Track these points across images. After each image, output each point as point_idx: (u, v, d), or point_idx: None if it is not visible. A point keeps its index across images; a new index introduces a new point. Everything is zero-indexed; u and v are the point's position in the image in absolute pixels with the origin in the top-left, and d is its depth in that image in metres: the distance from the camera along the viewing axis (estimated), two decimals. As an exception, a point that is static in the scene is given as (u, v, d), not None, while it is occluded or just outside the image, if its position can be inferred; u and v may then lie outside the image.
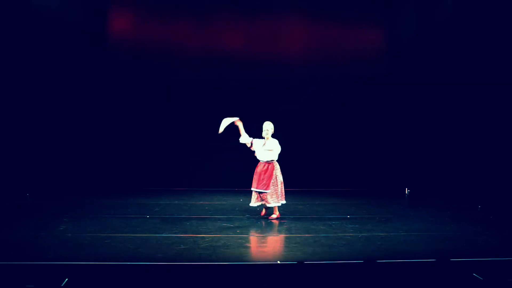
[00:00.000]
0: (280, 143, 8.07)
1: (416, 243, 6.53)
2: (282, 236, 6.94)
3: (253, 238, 7.00)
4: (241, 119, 8.08)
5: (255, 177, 7.97)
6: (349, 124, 11.94)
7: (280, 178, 8.01)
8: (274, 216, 8.07)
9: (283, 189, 8.06)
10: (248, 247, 6.50)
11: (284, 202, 8.09)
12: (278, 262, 5.53)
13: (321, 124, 11.88)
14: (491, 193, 9.57)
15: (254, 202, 8.02)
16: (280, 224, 7.72)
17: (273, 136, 8.05)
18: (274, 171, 7.91)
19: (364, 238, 6.77)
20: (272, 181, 7.89)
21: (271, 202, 7.92)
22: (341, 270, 5.33)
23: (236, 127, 8.04)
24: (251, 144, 8.00)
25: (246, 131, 8.08)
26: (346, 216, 8.38)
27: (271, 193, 7.89)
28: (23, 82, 10.32)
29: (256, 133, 8.11)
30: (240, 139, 8.05)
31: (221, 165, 11.41)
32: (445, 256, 5.70)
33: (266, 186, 7.88)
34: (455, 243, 6.60)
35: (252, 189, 8.01)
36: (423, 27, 11.43)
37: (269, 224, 7.75)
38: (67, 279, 4.79)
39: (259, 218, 8.10)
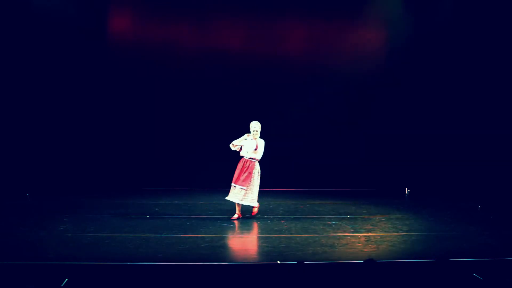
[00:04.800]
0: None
1: (416, 243, 6.53)
2: (282, 236, 6.94)
3: (253, 238, 7.00)
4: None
5: (236, 172, 7.98)
6: (349, 124, 11.93)
7: (258, 179, 7.97)
8: (255, 209, 8.09)
9: (257, 191, 8.01)
10: (248, 247, 6.50)
11: (257, 205, 8.04)
12: (278, 262, 5.53)
13: (321, 124, 11.87)
14: (491, 193, 9.57)
15: (230, 196, 7.98)
16: (280, 224, 7.72)
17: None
18: (254, 170, 7.92)
19: (364, 238, 6.77)
20: (250, 179, 7.89)
21: (245, 199, 7.90)
22: (341, 270, 5.33)
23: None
24: (241, 148, 8.04)
25: (246, 130, 8.10)
26: (346, 216, 8.38)
27: (247, 191, 7.88)
28: (23, 81, 10.33)
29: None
30: (232, 146, 8.02)
31: (222, 165, 11.38)
32: (445, 256, 5.70)
33: (244, 183, 7.87)
34: (455, 243, 6.61)
35: (232, 184, 7.98)
36: (423, 27, 11.43)
37: (269, 224, 7.74)
38: (67, 279, 4.79)
39: (258, 218, 8.10)
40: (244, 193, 7.88)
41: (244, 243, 6.73)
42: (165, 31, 11.62)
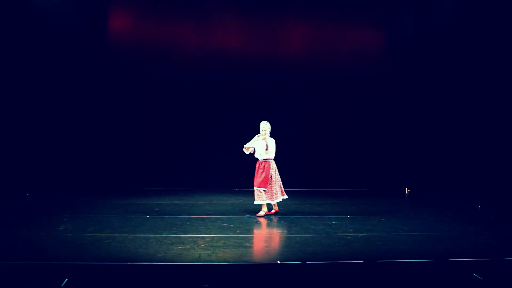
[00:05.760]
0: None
1: (416, 243, 6.52)
2: (282, 236, 6.94)
3: (253, 238, 7.00)
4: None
5: (255, 175, 8.18)
6: (349, 124, 11.94)
7: (277, 176, 8.18)
8: (261, 213, 8.25)
9: (282, 185, 8.28)
10: (248, 247, 6.49)
11: (286, 197, 8.32)
12: (278, 262, 5.53)
13: (321, 124, 11.88)
14: (491, 193, 9.57)
15: (256, 200, 8.16)
16: (280, 224, 7.72)
17: (272, 135, 8.12)
18: (270, 170, 8.06)
19: (364, 238, 6.77)
20: (268, 179, 8.05)
21: (276, 197, 8.14)
22: (341, 270, 5.33)
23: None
24: (254, 150, 8.17)
25: (246, 130, 8.13)
26: (346, 216, 8.38)
27: (268, 191, 8.06)
28: (23, 81, 10.33)
29: (255, 132, 8.15)
30: (245, 150, 8.14)
31: (221, 165, 11.41)
32: (445, 256, 5.70)
33: (264, 184, 7.99)
34: (455, 243, 6.60)
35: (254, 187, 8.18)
36: (423, 27, 11.44)
37: (269, 224, 7.75)
38: (67, 279, 4.79)
39: (265, 216, 8.12)
40: (265, 193, 8.04)
41: (244, 243, 6.72)
42: (165, 31, 11.63)
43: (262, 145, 8.04)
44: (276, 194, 8.15)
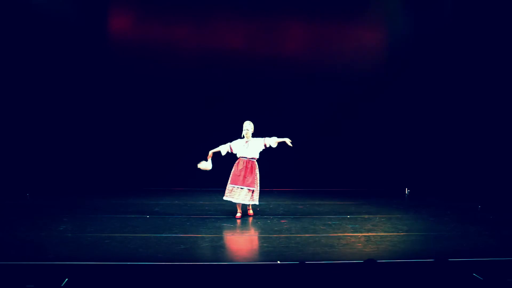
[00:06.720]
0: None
1: (416, 243, 6.53)
2: (282, 236, 6.94)
3: (253, 238, 7.01)
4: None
5: (237, 173, 8.04)
6: (349, 124, 11.93)
7: (258, 177, 8.10)
8: (251, 211, 8.31)
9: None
10: (248, 247, 6.50)
11: (257, 203, 8.15)
12: (278, 262, 5.53)
13: (321, 123, 11.87)
14: (491, 193, 9.57)
15: (236, 198, 8.03)
16: (280, 224, 7.72)
17: (272, 135, 8.13)
18: (256, 170, 8.03)
19: (364, 238, 6.78)
20: (256, 179, 8.01)
21: (253, 199, 8.00)
22: (341, 270, 5.33)
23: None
24: (231, 148, 8.16)
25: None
26: (346, 216, 8.38)
27: (255, 191, 8.00)
28: (23, 81, 10.33)
29: (256, 133, 8.17)
30: (222, 154, 8.21)
31: (221, 165, 11.38)
32: (445, 256, 5.70)
33: (252, 184, 7.95)
34: (455, 243, 6.61)
35: (234, 185, 8.03)
36: (423, 27, 11.43)
37: (269, 224, 7.75)
38: (67, 279, 4.79)
39: (258, 218, 8.11)
40: (252, 194, 7.97)
41: (244, 243, 6.73)
42: (165, 31, 11.60)
43: (259, 143, 8.02)
44: (257, 196, 8.04)
